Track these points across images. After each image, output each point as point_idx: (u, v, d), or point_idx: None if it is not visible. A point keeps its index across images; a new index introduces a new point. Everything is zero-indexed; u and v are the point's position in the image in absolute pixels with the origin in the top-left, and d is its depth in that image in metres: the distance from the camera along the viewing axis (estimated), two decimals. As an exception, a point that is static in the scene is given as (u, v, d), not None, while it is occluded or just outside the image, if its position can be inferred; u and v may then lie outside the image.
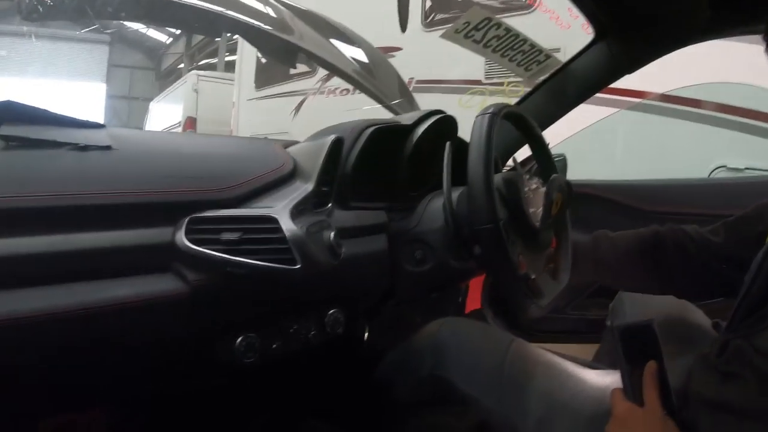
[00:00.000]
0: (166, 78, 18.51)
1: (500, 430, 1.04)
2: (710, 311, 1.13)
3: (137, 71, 20.58)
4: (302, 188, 0.88)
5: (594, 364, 1.16)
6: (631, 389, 0.81)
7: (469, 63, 3.20)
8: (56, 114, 0.81)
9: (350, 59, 1.92)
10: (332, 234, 0.83)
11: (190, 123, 7.84)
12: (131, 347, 0.73)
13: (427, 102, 1.90)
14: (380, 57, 2.02)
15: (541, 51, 1.45)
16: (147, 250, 0.72)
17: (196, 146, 1.00)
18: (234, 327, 0.80)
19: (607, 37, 1.37)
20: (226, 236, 0.72)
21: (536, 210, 1.04)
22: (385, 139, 1.08)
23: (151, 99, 12.39)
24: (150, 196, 0.75)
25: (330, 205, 0.94)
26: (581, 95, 1.47)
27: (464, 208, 0.98)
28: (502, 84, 3.15)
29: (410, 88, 3.32)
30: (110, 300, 0.67)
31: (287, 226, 0.75)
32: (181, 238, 0.72)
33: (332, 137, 0.96)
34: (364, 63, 1.92)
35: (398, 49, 3.78)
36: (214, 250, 0.72)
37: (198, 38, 15.71)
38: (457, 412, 1.22)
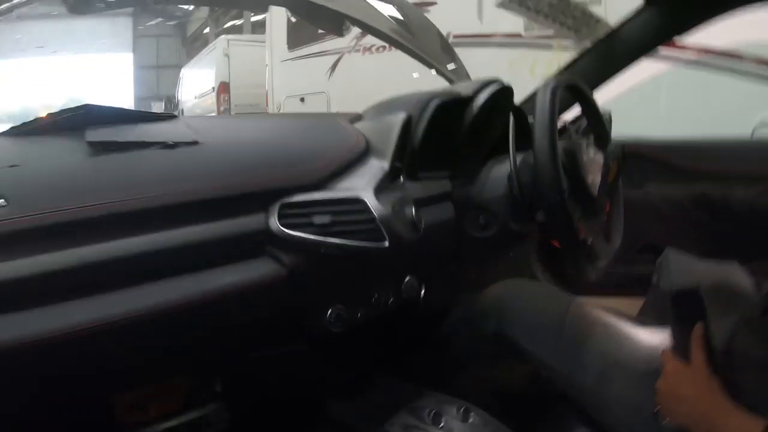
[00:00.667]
0: (193, 44, 18.56)
1: (560, 385, 1.11)
2: (754, 272, 1.17)
3: (163, 39, 20.63)
4: (378, 166, 0.94)
5: (641, 319, 1.22)
6: (681, 349, 0.88)
7: (508, 16, 3.18)
8: (132, 111, 0.85)
9: (389, 18, 1.93)
10: (413, 209, 0.90)
11: (224, 88, 7.91)
12: (230, 327, 0.80)
13: (466, 57, 1.92)
14: (419, 14, 2.02)
15: (591, 16, 1.47)
16: (243, 238, 0.78)
17: (272, 130, 1.05)
18: (324, 300, 0.87)
19: (658, 2, 1.38)
20: (318, 219, 0.78)
21: (593, 177, 1.09)
22: (446, 110, 1.12)
23: (179, 66, 12.43)
24: (240, 186, 0.81)
25: (402, 178, 0.99)
26: (630, 58, 1.48)
27: (527, 176, 1.03)
28: (542, 37, 3.13)
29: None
30: (213, 290, 0.73)
31: (374, 205, 0.82)
32: (275, 224, 0.78)
33: (402, 116, 1.01)
34: (403, 21, 1.93)
35: (433, 3, 3.78)
36: (307, 233, 0.78)
37: (222, -1, 15.58)
38: (510, 367, 1.30)
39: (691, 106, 2.64)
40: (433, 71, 1.67)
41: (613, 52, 1.47)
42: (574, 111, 1.33)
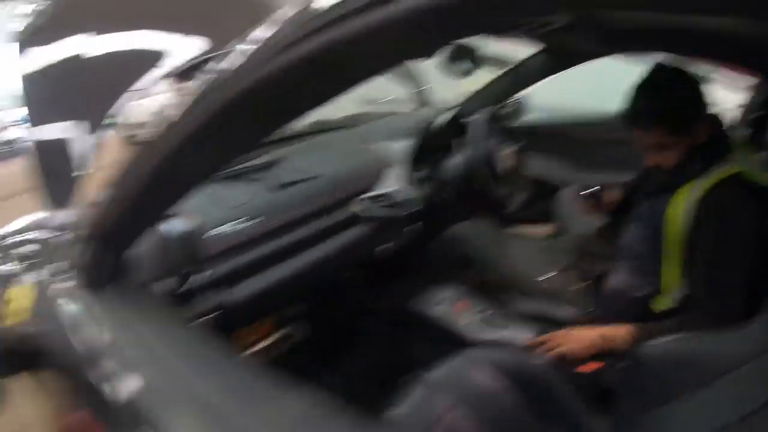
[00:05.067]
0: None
1: (495, 275, 2.03)
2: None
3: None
4: (397, 171, 1.85)
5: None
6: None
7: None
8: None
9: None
10: (421, 188, 1.83)
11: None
12: (342, 265, 1.71)
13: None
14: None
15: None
16: (347, 218, 1.70)
17: (345, 157, 1.91)
18: (380, 242, 1.80)
19: (548, 51, 2.26)
20: (380, 203, 1.71)
21: (504, 163, 2.02)
22: (425, 131, 2.03)
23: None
24: (344, 193, 1.72)
25: (411, 173, 1.91)
26: (528, 84, 2.38)
27: (470, 166, 1.96)
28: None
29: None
30: (339, 246, 1.65)
31: (406, 192, 1.75)
32: (361, 208, 1.70)
33: (404, 143, 1.92)
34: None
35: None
36: (376, 211, 1.70)
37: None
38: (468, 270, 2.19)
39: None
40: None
41: (517, 78, 2.38)
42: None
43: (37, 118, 1.59)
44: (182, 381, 0.86)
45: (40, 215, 1.84)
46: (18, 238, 1.76)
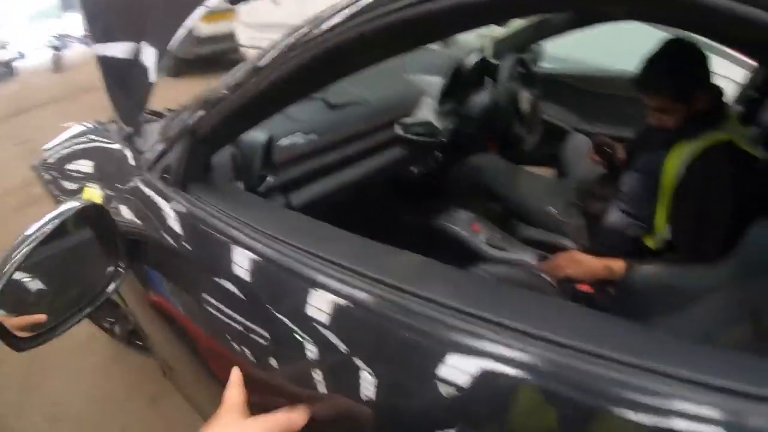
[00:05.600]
0: None
1: (507, 204, 2.29)
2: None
3: None
4: (431, 102, 2.07)
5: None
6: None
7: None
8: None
9: None
10: (446, 120, 2.05)
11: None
12: (385, 179, 1.94)
13: None
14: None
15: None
16: (388, 139, 1.93)
17: (388, 86, 2.13)
18: (411, 163, 2.03)
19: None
20: (416, 129, 1.92)
21: (524, 105, 2.23)
22: (458, 69, 2.23)
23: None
24: (387, 118, 1.95)
25: (437, 106, 2.11)
26: (552, 34, 2.56)
27: (494, 101, 2.18)
28: None
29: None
30: (382, 162, 1.89)
31: (436, 122, 1.96)
32: (400, 131, 1.92)
33: (440, 78, 2.12)
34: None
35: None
36: (412, 135, 1.92)
37: None
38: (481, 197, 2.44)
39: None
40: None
41: (541, 29, 2.56)
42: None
43: (99, 35, 1.66)
44: (297, 253, 0.92)
45: (83, 126, 2.02)
46: (69, 147, 1.91)
